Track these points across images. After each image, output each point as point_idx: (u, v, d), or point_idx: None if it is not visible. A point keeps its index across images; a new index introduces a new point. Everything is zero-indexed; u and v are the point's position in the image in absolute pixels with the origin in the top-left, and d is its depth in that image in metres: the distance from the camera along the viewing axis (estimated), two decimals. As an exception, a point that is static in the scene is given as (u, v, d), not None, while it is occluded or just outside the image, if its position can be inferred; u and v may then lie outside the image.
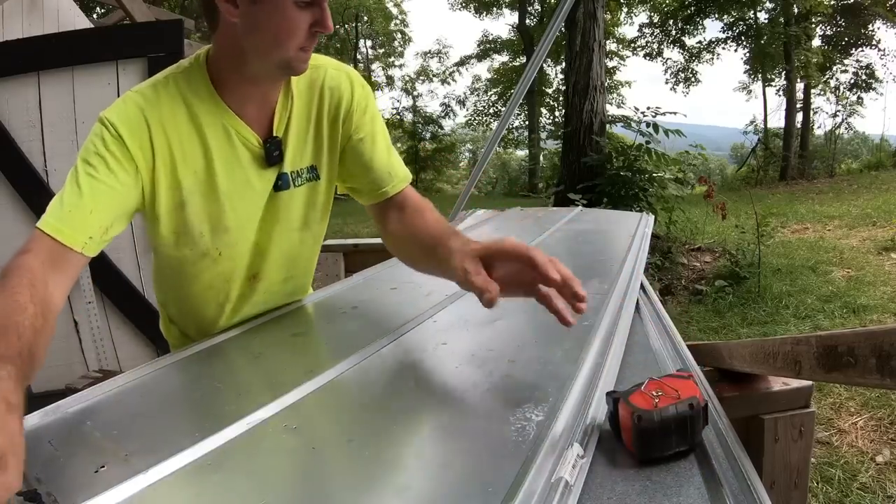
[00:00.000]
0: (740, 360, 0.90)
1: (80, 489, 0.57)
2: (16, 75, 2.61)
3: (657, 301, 1.24)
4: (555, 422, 0.65)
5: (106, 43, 2.72)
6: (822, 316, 3.95)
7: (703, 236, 6.30)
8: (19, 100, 2.62)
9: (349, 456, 0.63)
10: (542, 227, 1.92)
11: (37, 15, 3.34)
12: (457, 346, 0.93)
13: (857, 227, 6.49)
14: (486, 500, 0.53)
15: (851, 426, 2.58)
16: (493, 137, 4.35)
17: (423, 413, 0.73)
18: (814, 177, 12.36)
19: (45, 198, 0.84)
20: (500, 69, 21.06)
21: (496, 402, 0.74)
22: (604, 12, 6.92)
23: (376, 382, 0.82)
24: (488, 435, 0.65)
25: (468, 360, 0.86)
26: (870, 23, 14.02)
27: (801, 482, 0.98)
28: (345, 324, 1.10)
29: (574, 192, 5.44)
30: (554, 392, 0.73)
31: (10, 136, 2.59)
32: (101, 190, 0.85)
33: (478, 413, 0.71)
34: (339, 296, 1.27)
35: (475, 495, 0.54)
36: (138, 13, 4.16)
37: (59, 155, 2.64)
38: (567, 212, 2.46)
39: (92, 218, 0.83)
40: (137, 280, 2.80)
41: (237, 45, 0.88)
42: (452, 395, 0.78)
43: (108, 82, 2.66)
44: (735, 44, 16.01)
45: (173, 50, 2.66)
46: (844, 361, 0.57)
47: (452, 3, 20.15)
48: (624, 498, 0.57)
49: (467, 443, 0.65)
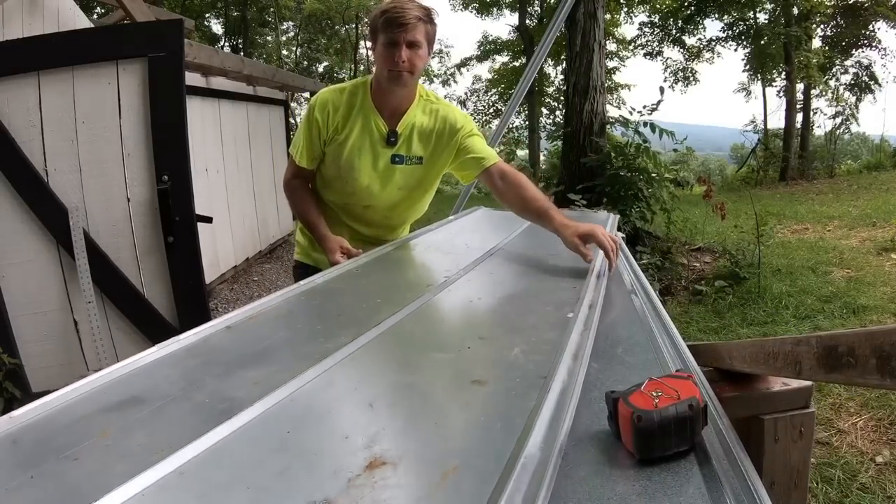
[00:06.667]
0: (740, 361, 0.90)
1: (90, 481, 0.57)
2: (16, 75, 2.60)
3: (657, 301, 1.25)
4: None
5: (106, 43, 2.72)
6: (822, 316, 3.95)
7: (703, 236, 6.30)
8: (19, 100, 2.62)
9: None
10: (510, 229, 1.96)
11: (37, 15, 3.34)
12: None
13: (857, 227, 6.49)
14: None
15: (851, 427, 2.58)
16: (493, 137, 4.34)
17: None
18: (814, 177, 12.35)
19: (45, 198, 0.84)
20: (501, 70, 21.06)
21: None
22: (604, 12, 6.91)
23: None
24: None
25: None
26: (870, 23, 14.01)
27: (800, 482, 0.98)
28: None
29: (574, 193, 5.44)
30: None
31: (10, 136, 2.59)
32: (306, 139, 1.74)
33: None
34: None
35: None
36: (138, 13, 4.17)
37: (59, 155, 2.64)
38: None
39: (305, 151, 1.75)
40: (137, 280, 2.80)
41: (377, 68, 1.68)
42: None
43: (108, 82, 2.66)
44: (735, 43, 16.02)
45: (173, 50, 2.65)
46: (845, 362, 0.57)
47: (454, 4, 20.16)
48: (624, 498, 0.57)
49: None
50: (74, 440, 0.69)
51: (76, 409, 0.77)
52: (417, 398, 0.77)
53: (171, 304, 2.84)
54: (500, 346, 0.94)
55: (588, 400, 0.79)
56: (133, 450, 0.65)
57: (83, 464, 0.63)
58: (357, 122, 1.70)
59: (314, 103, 1.73)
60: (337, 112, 1.70)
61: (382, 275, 1.53)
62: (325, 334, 1.01)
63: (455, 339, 0.99)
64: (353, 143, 1.71)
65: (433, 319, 1.11)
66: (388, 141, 1.72)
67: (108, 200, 2.73)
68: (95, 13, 9.15)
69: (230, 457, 0.64)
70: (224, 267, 5.53)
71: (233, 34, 20.02)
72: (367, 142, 1.72)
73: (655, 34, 17.38)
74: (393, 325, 1.04)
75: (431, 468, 0.59)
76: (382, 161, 1.73)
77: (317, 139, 1.73)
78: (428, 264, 1.48)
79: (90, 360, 2.78)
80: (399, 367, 0.90)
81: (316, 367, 0.85)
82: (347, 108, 1.70)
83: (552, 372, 0.80)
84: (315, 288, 1.34)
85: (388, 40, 1.59)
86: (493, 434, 0.65)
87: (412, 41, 1.59)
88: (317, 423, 0.72)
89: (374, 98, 1.71)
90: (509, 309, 1.22)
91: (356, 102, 1.71)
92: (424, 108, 1.77)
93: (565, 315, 1.05)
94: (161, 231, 2.76)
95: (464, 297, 1.26)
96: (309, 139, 1.73)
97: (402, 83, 1.64)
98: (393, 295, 1.31)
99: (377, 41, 1.63)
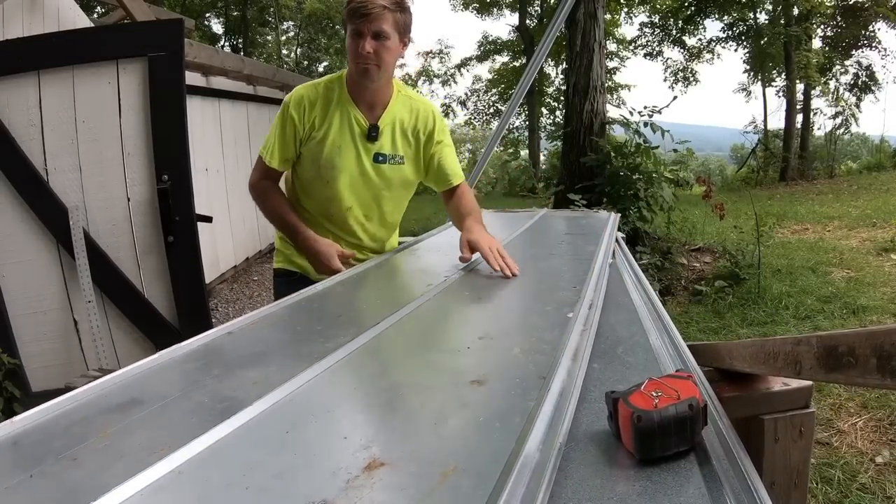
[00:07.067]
0: (740, 361, 0.90)
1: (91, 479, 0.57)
2: (16, 74, 2.60)
3: (657, 301, 1.25)
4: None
5: (106, 42, 2.71)
6: (822, 317, 3.95)
7: (703, 237, 6.30)
8: (20, 99, 2.62)
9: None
10: (511, 230, 2.00)
11: (37, 14, 3.34)
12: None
13: (857, 227, 6.49)
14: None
15: (851, 427, 2.57)
16: (493, 137, 4.35)
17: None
18: (814, 177, 12.35)
19: (45, 197, 0.85)
20: (501, 70, 21.05)
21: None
22: (604, 12, 6.91)
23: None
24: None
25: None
26: (870, 23, 14.01)
27: (800, 482, 0.97)
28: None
29: (574, 193, 5.43)
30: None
31: (10, 136, 2.59)
32: (280, 139, 1.64)
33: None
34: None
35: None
36: (139, 12, 4.17)
37: (59, 154, 2.64)
38: (532, 214, 2.52)
39: (278, 152, 1.65)
40: (137, 280, 2.80)
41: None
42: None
43: (108, 81, 2.66)
44: (735, 44, 16.02)
45: (174, 49, 2.65)
46: (845, 362, 0.57)
47: (454, 4, 20.15)
48: (624, 498, 0.57)
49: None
50: (74, 440, 0.69)
51: (76, 411, 0.77)
52: (417, 398, 0.77)
53: (171, 304, 2.84)
54: (499, 346, 0.94)
55: (588, 400, 0.78)
56: (132, 450, 0.65)
57: (82, 464, 0.63)
58: (335, 117, 1.62)
59: (289, 100, 1.64)
60: (314, 107, 1.62)
61: (382, 275, 1.53)
62: (325, 334, 1.01)
63: (455, 339, 0.99)
64: (332, 139, 1.63)
65: (433, 319, 1.11)
66: (370, 136, 1.65)
67: (108, 200, 2.73)
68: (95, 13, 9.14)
69: (229, 457, 0.63)
70: (224, 266, 5.53)
71: (233, 34, 20.00)
72: (348, 137, 1.64)
73: (655, 34, 17.39)
74: (393, 326, 1.04)
75: (430, 469, 0.59)
76: (365, 159, 1.66)
77: (292, 138, 1.64)
78: (428, 265, 1.47)
79: (90, 360, 2.78)
80: (398, 368, 0.90)
81: (315, 367, 0.84)
82: (325, 103, 1.63)
83: (552, 372, 0.79)
84: (315, 289, 1.34)
85: (353, 31, 1.52)
86: (492, 434, 0.65)
87: (378, 31, 1.50)
88: (316, 423, 0.71)
89: (351, 91, 1.64)
90: (509, 309, 1.22)
91: (333, 97, 1.63)
92: (405, 104, 1.70)
93: (565, 315, 1.05)
94: (161, 231, 2.76)
95: (464, 298, 1.26)
96: (283, 138, 1.64)
97: (369, 77, 1.56)
98: (393, 295, 1.32)
99: (346, 33, 1.57)
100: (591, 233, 1.99)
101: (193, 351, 0.97)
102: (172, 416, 0.75)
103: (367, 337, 0.97)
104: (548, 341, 0.93)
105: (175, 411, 0.76)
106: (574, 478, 0.61)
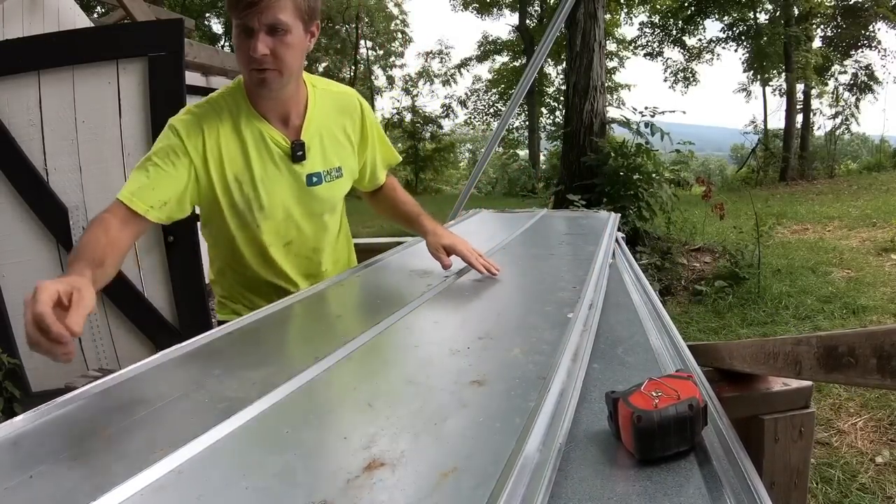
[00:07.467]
0: (740, 361, 0.90)
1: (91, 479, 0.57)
2: (16, 74, 2.60)
3: (657, 301, 1.25)
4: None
5: (106, 42, 2.71)
6: (822, 317, 3.95)
7: (703, 237, 6.30)
8: (19, 99, 2.62)
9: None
10: (511, 230, 1.98)
11: (37, 14, 3.33)
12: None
13: (857, 227, 6.49)
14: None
15: (851, 427, 2.57)
16: (493, 137, 4.35)
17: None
18: (814, 177, 12.35)
19: (45, 197, 0.85)
20: (501, 70, 21.07)
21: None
22: (604, 12, 6.91)
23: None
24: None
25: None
26: (870, 24, 14.01)
27: (800, 482, 0.98)
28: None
29: (573, 193, 5.44)
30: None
31: (10, 136, 2.59)
32: (161, 174, 1.16)
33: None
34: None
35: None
36: (139, 12, 4.17)
37: (59, 154, 2.64)
38: (531, 214, 2.53)
39: (154, 193, 1.15)
40: (137, 280, 2.80)
41: None
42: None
43: (108, 81, 2.66)
44: (735, 44, 16.03)
45: (174, 49, 2.65)
46: (845, 362, 0.57)
47: (454, 4, 20.17)
48: (624, 498, 0.57)
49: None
50: (74, 440, 0.69)
51: (76, 411, 0.77)
52: (416, 398, 0.77)
53: (171, 304, 2.84)
54: (499, 346, 0.94)
55: (588, 400, 0.78)
56: (132, 450, 0.65)
57: (82, 464, 0.63)
58: (246, 142, 1.24)
59: (175, 126, 1.20)
60: (214, 134, 1.21)
61: (382, 276, 1.53)
62: (325, 334, 1.01)
63: (454, 339, 0.99)
64: (250, 175, 1.25)
65: (432, 320, 1.11)
66: (294, 156, 1.28)
67: (108, 200, 2.67)
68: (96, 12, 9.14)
69: (229, 457, 0.63)
70: (224, 267, 5.52)
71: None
72: (270, 165, 1.27)
73: (655, 34, 17.41)
74: (392, 326, 1.04)
75: (430, 469, 0.59)
76: (296, 185, 1.31)
77: (182, 174, 1.18)
78: (428, 266, 1.48)
79: (90, 360, 2.78)
80: (398, 368, 0.90)
81: (315, 367, 0.84)
82: (230, 126, 1.24)
83: (552, 372, 0.79)
84: (314, 290, 1.34)
85: (241, 27, 1.12)
86: (492, 434, 0.65)
87: (273, 24, 1.11)
88: (315, 423, 0.71)
89: (255, 105, 1.26)
90: (509, 309, 1.22)
91: (235, 115, 1.24)
92: (324, 102, 1.35)
93: (565, 315, 1.05)
94: (161, 230, 2.76)
95: (463, 298, 1.26)
96: (163, 173, 1.16)
97: (268, 87, 1.18)
98: (392, 296, 1.32)
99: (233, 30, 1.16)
100: (591, 233, 1.99)
101: (193, 351, 0.97)
102: (172, 416, 0.75)
103: (367, 337, 0.97)
104: (548, 341, 0.93)
105: (175, 411, 0.76)
106: (574, 478, 0.61)
